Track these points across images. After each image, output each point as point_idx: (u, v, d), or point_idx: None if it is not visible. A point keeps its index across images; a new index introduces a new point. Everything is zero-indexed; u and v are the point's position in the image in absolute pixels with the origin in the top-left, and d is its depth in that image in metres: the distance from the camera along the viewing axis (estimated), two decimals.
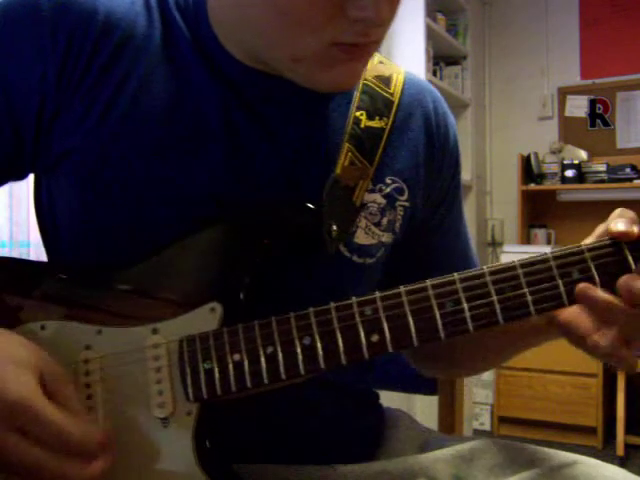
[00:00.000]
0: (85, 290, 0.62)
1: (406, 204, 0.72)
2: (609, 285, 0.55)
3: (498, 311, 0.56)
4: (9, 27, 0.64)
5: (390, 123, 0.72)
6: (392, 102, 0.73)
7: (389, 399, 0.87)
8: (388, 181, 0.71)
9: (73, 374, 0.59)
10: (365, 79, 0.73)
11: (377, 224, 0.70)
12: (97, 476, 0.51)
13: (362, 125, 0.70)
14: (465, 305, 0.56)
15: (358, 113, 0.71)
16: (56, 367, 0.54)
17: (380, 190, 0.70)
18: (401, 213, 0.72)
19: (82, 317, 0.60)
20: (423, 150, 0.74)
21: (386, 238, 0.71)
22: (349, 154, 0.68)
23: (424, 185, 0.75)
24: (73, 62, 0.63)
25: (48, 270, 0.65)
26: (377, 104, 0.72)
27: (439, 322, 0.56)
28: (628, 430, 2.70)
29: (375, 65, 0.75)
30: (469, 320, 0.56)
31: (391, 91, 0.74)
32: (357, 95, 0.72)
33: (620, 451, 2.70)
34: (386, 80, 0.75)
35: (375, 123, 0.71)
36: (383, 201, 0.70)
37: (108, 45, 0.64)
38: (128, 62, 0.65)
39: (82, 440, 0.51)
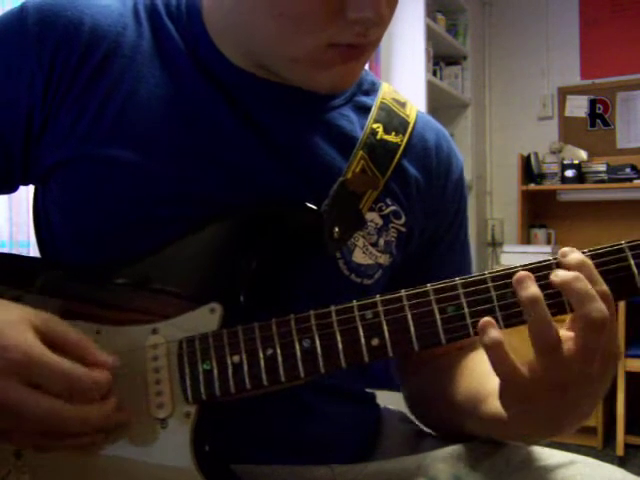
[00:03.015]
0: (84, 289, 0.62)
1: (402, 229, 0.72)
2: (614, 291, 0.54)
3: (500, 317, 0.56)
4: None
5: (405, 141, 0.73)
6: (408, 123, 0.75)
7: (386, 399, 0.87)
8: (389, 202, 0.71)
9: None
10: (383, 98, 0.75)
11: (374, 244, 0.70)
12: (111, 412, 0.55)
13: (378, 137, 0.71)
14: (466, 310, 0.56)
15: (375, 125, 0.72)
16: (44, 316, 0.55)
17: (380, 210, 0.70)
18: (394, 235, 0.72)
19: (81, 316, 0.60)
20: (422, 184, 0.75)
21: (384, 260, 0.71)
22: (362, 162, 0.69)
23: (421, 217, 0.75)
24: (59, 73, 0.64)
25: (46, 267, 0.65)
26: (393, 121, 0.74)
27: (440, 327, 0.56)
28: (628, 430, 2.69)
29: (392, 90, 0.77)
30: (470, 325, 0.56)
31: (407, 113, 0.76)
32: (375, 109, 0.73)
33: (620, 451, 2.69)
34: (402, 104, 0.77)
35: (391, 138, 0.72)
36: (380, 221, 0.70)
37: (95, 56, 0.65)
38: (116, 73, 0.65)
39: (91, 381, 0.53)
